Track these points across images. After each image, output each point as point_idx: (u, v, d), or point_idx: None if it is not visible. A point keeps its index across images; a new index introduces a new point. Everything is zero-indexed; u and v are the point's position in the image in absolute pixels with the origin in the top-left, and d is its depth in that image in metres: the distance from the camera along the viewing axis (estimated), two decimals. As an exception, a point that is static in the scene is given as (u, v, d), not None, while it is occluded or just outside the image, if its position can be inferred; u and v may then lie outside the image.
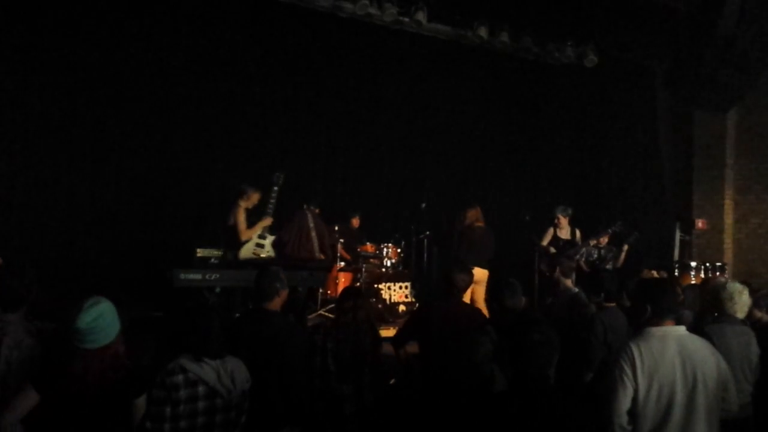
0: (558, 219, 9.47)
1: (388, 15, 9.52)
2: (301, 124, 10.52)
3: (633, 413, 3.45)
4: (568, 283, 6.39)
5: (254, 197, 8.06)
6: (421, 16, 9.68)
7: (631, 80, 11.68)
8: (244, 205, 7.99)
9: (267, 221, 8.11)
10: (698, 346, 3.57)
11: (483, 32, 10.09)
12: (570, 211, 9.55)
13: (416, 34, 10.15)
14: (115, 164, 9.12)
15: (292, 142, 10.45)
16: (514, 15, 10.25)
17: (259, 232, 8.03)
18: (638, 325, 3.68)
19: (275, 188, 8.25)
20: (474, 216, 8.98)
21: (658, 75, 11.54)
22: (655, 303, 3.61)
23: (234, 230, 7.90)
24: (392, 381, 6.21)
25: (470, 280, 5.74)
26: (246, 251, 8.00)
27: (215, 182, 9.70)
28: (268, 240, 8.17)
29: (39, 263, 4.80)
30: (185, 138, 9.56)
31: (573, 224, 9.60)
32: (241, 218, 7.96)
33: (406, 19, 9.73)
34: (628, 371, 3.45)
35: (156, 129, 9.33)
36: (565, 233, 9.51)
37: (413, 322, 5.93)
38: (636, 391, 3.44)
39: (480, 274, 8.35)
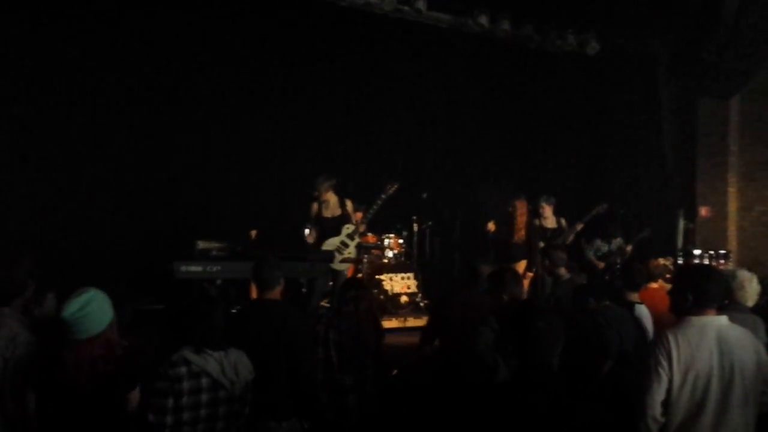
0: (542, 208, 9.46)
1: (387, 3, 9.48)
2: (300, 115, 10.45)
3: (666, 404, 3.39)
4: (562, 270, 6.44)
5: (322, 188, 8.30)
6: (421, 4, 9.63)
7: (633, 68, 11.63)
8: (315, 200, 8.35)
9: (353, 228, 8.38)
10: (739, 337, 3.48)
11: (484, 20, 10.04)
12: (553, 200, 9.54)
13: (416, 23, 10.10)
14: (115, 156, 9.06)
15: (291, 133, 10.40)
16: (515, 3, 10.20)
17: (341, 236, 8.31)
18: (679, 313, 3.61)
19: (383, 196, 8.43)
20: None
21: (661, 62, 11.48)
22: (697, 291, 3.52)
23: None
24: (395, 372, 6.19)
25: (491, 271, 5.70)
26: (330, 245, 8.17)
27: (215, 174, 9.66)
28: (354, 243, 8.35)
29: (39, 257, 4.75)
30: (185, 130, 9.50)
31: (557, 213, 9.59)
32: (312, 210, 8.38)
33: (406, 8, 9.69)
34: (664, 362, 3.38)
35: (156, 121, 9.27)
36: (550, 222, 9.50)
37: (435, 316, 5.88)
38: (670, 381, 3.37)
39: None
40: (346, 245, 8.31)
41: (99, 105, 8.93)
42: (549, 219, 9.50)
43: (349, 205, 8.56)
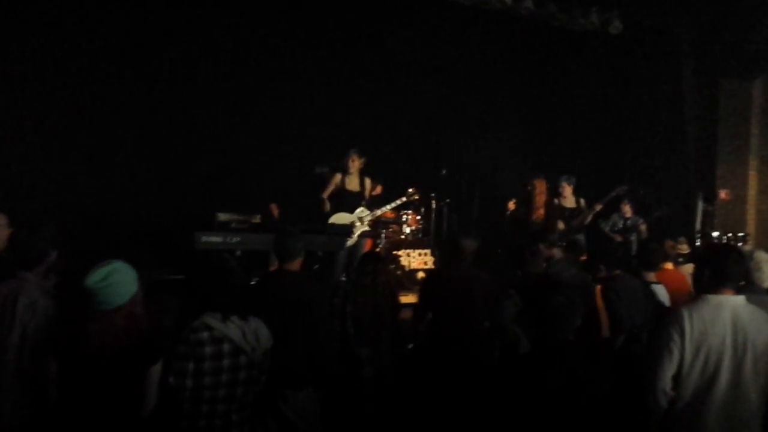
0: (562, 188, 9.43)
1: (410, -20, 9.43)
2: (322, 90, 10.47)
3: (677, 378, 3.45)
4: (554, 251, 6.44)
5: (349, 161, 8.42)
6: (443, -20, 9.55)
7: (656, 48, 11.49)
8: (340, 171, 8.42)
9: (368, 213, 8.53)
10: (755, 317, 3.51)
11: (507, -3, 9.94)
12: (574, 180, 9.51)
13: (440, 0, 10.03)
14: (138, 128, 9.13)
15: (310, 107, 10.41)
16: (538, -20, 10.10)
17: (353, 216, 8.44)
18: (698, 290, 3.64)
19: (404, 199, 8.82)
20: None
21: (684, 42, 11.33)
22: (715, 269, 3.55)
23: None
24: (410, 346, 6.25)
25: (476, 245, 5.69)
26: (341, 218, 8.34)
27: (235, 146, 9.71)
28: (363, 226, 8.53)
29: (62, 227, 4.84)
30: (208, 104, 9.54)
31: (576, 193, 9.56)
32: (330, 184, 8.40)
33: (429, -15, 9.62)
34: (676, 337, 3.42)
35: (181, 93, 9.32)
36: (569, 202, 9.47)
37: (426, 293, 5.76)
38: (682, 357, 3.42)
39: None
40: (354, 225, 8.43)
41: (122, 79, 9.00)
42: (568, 199, 9.47)
43: (368, 184, 8.64)
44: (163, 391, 3.53)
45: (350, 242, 8.40)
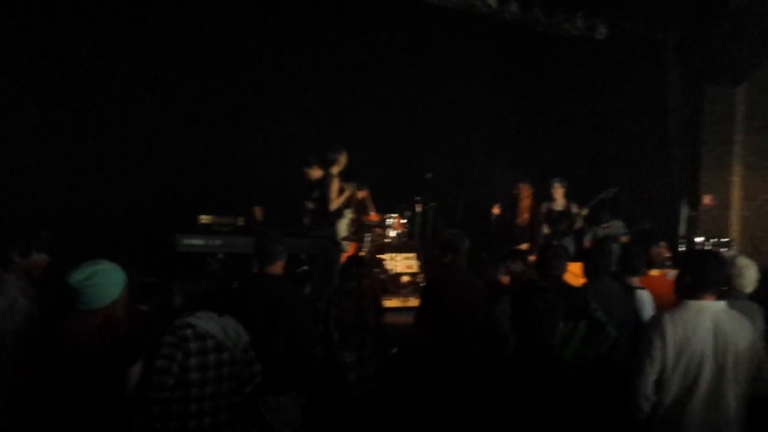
0: (555, 189, 9.44)
1: (396, -18, 9.42)
2: (306, 93, 10.43)
3: (659, 383, 3.48)
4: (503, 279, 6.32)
5: (343, 159, 8.27)
6: (429, -16, 9.56)
7: (641, 53, 11.54)
8: (336, 171, 8.19)
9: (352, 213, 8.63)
10: (735, 323, 3.53)
11: (492, 2, 9.95)
12: (566, 183, 9.51)
13: (425, 3, 10.02)
14: (120, 130, 9.06)
15: (295, 109, 10.37)
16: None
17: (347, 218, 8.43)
18: (679, 295, 3.65)
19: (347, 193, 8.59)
20: None
21: (669, 48, 11.38)
22: (695, 275, 3.58)
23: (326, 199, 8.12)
24: (394, 350, 6.21)
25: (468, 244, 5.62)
26: (344, 226, 8.32)
27: (218, 148, 9.66)
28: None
29: (44, 228, 4.79)
30: (191, 106, 9.49)
31: (566, 196, 9.55)
32: (335, 188, 8.13)
33: (414, -12, 9.62)
34: (658, 342, 3.45)
35: (160, 93, 9.26)
36: (558, 205, 9.48)
37: (430, 298, 5.50)
38: (663, 362, 3.45)
39: None
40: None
41: (103, 81, 8.93)
42: (558, 202, 9.47)
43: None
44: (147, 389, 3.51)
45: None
